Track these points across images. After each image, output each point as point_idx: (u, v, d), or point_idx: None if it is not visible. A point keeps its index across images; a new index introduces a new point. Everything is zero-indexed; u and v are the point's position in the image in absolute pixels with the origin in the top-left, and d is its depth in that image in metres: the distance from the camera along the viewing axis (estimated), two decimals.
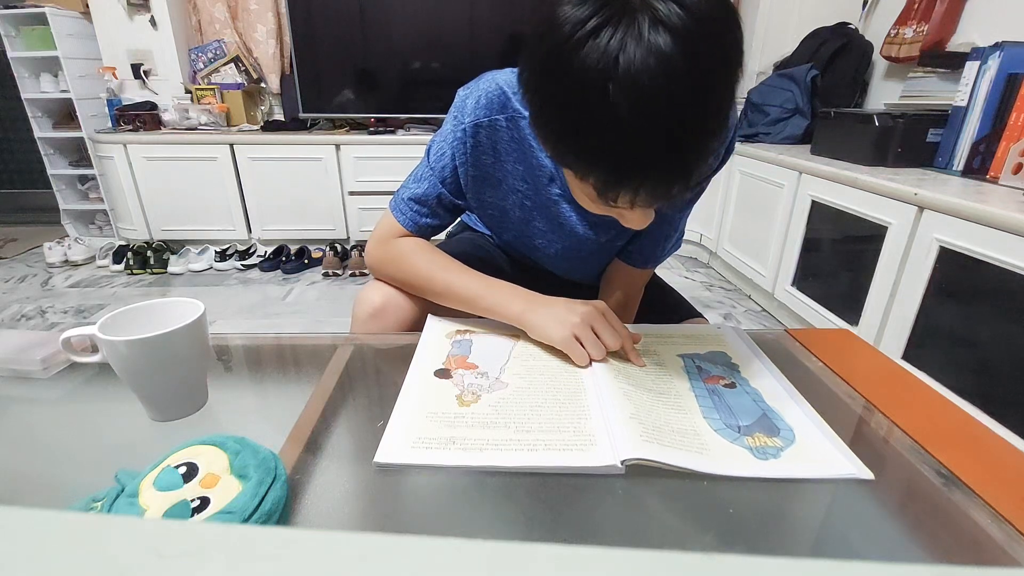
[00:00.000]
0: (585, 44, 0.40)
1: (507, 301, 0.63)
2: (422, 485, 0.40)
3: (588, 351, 0.55)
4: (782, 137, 2.22)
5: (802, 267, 1.82)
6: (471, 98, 0.64)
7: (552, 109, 0.45)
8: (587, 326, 0.56)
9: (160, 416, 0.46)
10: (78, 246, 2.58)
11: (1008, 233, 1.07)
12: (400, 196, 0.70)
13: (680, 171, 0.44)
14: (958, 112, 1.53)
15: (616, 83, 0.39)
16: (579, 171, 0.47)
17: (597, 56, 0.40)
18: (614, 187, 0.46)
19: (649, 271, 0.79)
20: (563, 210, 0.69)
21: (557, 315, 0.58)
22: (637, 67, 0.39)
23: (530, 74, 0.47)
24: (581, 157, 0.46)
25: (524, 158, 0.66)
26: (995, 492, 0.39)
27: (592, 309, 0.58)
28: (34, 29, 2.54)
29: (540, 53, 0.44)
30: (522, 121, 0.64)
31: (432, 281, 0.67)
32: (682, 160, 0.43)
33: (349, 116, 2.79)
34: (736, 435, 0.45)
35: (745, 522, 0.37)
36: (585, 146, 0.44)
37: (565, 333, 0.56)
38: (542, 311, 0.60)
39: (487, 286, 0.65)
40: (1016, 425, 1.06)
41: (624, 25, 0.39)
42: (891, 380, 0.57)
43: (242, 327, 1.99)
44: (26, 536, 0.13)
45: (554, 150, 0.48)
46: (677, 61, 0.39)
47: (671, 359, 0.58)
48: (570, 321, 0.57)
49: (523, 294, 0.63)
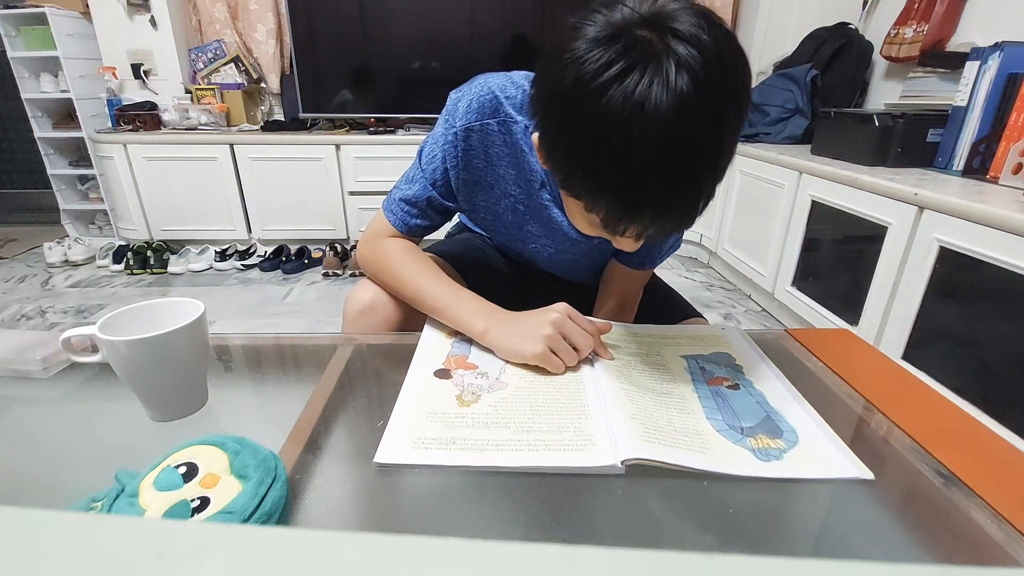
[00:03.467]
0: (611, 87, 0.40)
1: (471, 317, 0.60)
2: (422, 485, 0.40)
3: (563, 360, 0.54)
4: (782, 137, 2.22)
5: (802, 267, 1.82)
6: (463, 101, 0.64)
7: (570, 144, 0.45)
8: (558, 335, 0.55)
9: (160, 416, 0.46)
10: (78, 246, 2.58)
11: (1008, 233, 1.07)
12: (392, 196, 0.70)
13: (691, 207, 0.45)
14: (958, 112, 1.53)
15: (642, 126, 0.40)
16: (589, 203, 0.47)
17: (623, 99, 0.40)
18: (626, 222, 0.46)
19: (648, 272, 0.79)
20: (554, 215, 0.69)
21: (524, 330, 0.56)
22: (663, 111, 0.40)
23: (546, 104, 0.47)
24: (595, 192, 0.46)
25: (516, 163, 0.66)
26: (995, 492, 0.39)
27: (558, 315, 0.56)
28: (34, 29, 2.54)
29: (561, 89, 0.44)
30: (514, 126, 0.63)
31: (405, 285, 0.67)
32: (696, 198, 0.45)
33: (349, 116, 2.79)
34: (739, 436, 0.45)
35: (745, 522, 0.37)
36: (602, 183, 0.45)
37: (539, 348, 0.54)
38: (506, 329, 0.57)
39: (455, 299, 0.63)
40: (1016, 425, 1.06)
41: (651, 70, 0.40)
42: (891, 380, 0.57)
43: (242, 327, 1.99)
44: (26, 536, 0.13)
45: (565, 181, 0.48)
46: (695, 105, 0.40)
47: (674, 360, 0.58)
48: (541, 334, 0.54)
49: (487, 311, 0.60)
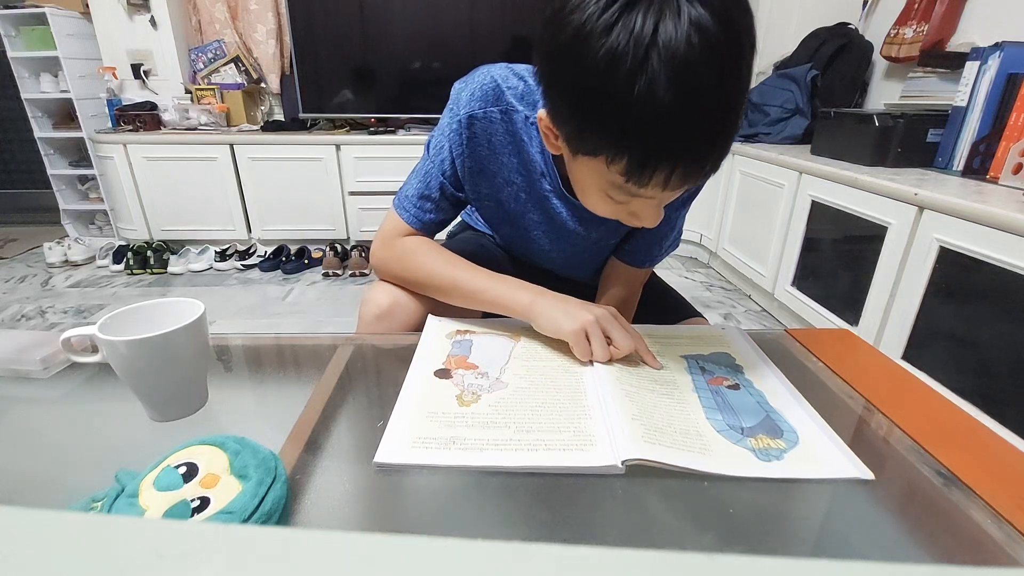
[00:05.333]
0: (617, 21, 0.39)
1: (514, 293, 0.63)
2: (422, 485, 0.40)
3: (594, 349, 0.55)
4: (782, 137, 2.22)
5: (802, 267, 1.82)
6: (466, 91, 0.64)
7: (578, 93, 0.44)
8: (599, 326, 0.56)
9: (160, 416, 0.46)
10: (78, 246, 2.58)
11: (1008, 233, 1.07)
12: (403, 193, 0.70)
13: (716, 146, 0.44)
14: (958, 112, 1.53)
15: (657, 56, 0.39)
16: (610, 154, 0.45)
17: (632, 31, 0.39)
18: (650, 168, 0.44)
19: (647, 270, 0.79)
20: (554, 205, 0.69)
21: (569, 309, 0.58)
22: (679, 40, 0.39)
23: (548, 62, 0.46)
24: (613, 139, 0.44)
25: (518, 151, 0.66)
26: (995, 492, 0.39)
27: (606, 312, 0.58)
28: (34, 29, 2.54)
29: (562, 39, 0.43)
30: (515, 115, 0.64)
31: (438, 277, 0.67)
32: (719, 134, 0.43)
33: (349, 116, 2.79)
34: (739, 436, 0.45)
35: (745, 522, 0.37)
36: (619, 126, 0.43)
37: (575, 326, 0.55)
38: (552, 303, 0.60)
39: (494, 280, 0.65)
40: (1016, 425, 1.06)
41: (659, 2, 0.39)
42: (891, 380, 0.57)
43: (242, 327, 1.99)
44: (26, 536, 0.13)
45: (579, 138, 0.47)
46: (717, 33, 0.39)
47: (674, 360, 0.58)
48: (583, 317, 0.56)
49: (531, 287, 0.63)
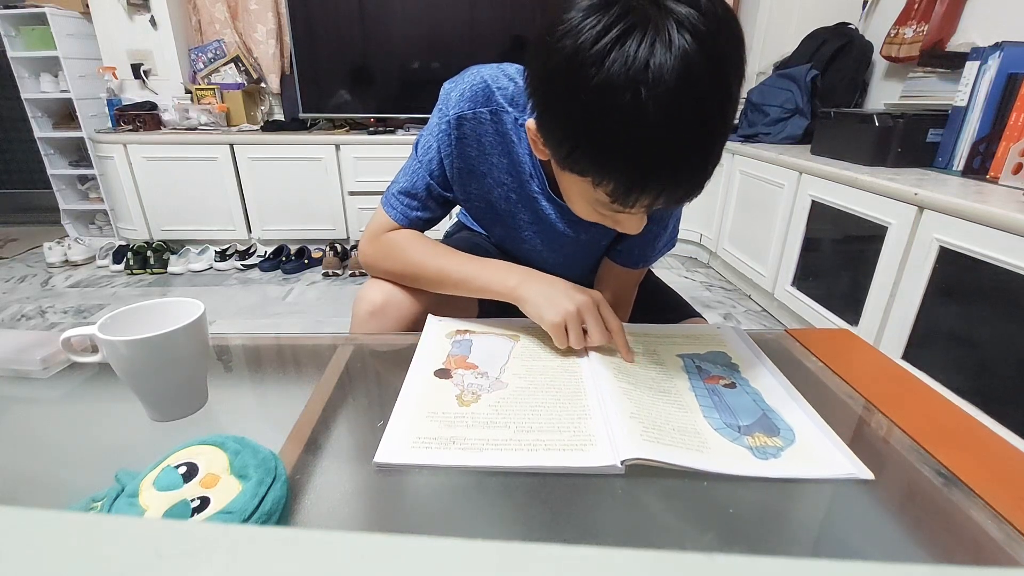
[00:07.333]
0: (611, 52, 0.40)
1: (502, 276, 0.63)
2: (422, 485, 0.40)
3: (571, 339, 0.57)
4: (782, 137, 2.22)
5: (802, 267, 1.82)
6: (455, 91, 0.64)
7: (572, 117, 0.45)
8: (578, 317, 0.57)
9: (160, 416, 0.46)
10: (78, 246, 2.58)
11: (1008, 233, 1.07)
12: (390, 191, 0.71)
13: (700, 171, 0.45)
14: (958, 112, 1.53)
15: (647, 88, 0.40)
16: (597, 177, 0.47)
17: (625, 63, 0.40)
18: (635, 193, 0.45)
19: (642, 271, 0.79)
20: (543, 207, 0.70)
21: (553, 297, 0.59)
22: (670, 75, 0.39)
23: (540, 83, 0.47)
24: (603, 162, 0.45)
25: (507, 152, 0.66)
26: (995, 492, 0.39)
27: (588, 299, 0.58)
28: (34, 29, 2.54)
29: (553, 63, 0.44)
30: (505, 116, 0.64)
31: (425, 267, 0.67)
32: (704, 161, 0.44)
33: (349, 116, 2.79)
34: (736, 435, 0.45)
35: (745, 522, 0.37)
36: (610, 151, 0.44)
37: (556, 319, 0.57)
38: (538, 287, 0.60)
39: (481, 265, 0.65)
40: (1016, 425, 1.06)
41: (651, 32, 0.39)
42: (891, 380, 0.57)
43: (242, 327, 1.99)
44: (26, 536, 0.13)
45: (568, 157, 0.48)
46: (700, 62, 0.40)
47: (671, 359, 0.58)
48: (564, 308, 0.57)
49: (519, 269, 0.64)
